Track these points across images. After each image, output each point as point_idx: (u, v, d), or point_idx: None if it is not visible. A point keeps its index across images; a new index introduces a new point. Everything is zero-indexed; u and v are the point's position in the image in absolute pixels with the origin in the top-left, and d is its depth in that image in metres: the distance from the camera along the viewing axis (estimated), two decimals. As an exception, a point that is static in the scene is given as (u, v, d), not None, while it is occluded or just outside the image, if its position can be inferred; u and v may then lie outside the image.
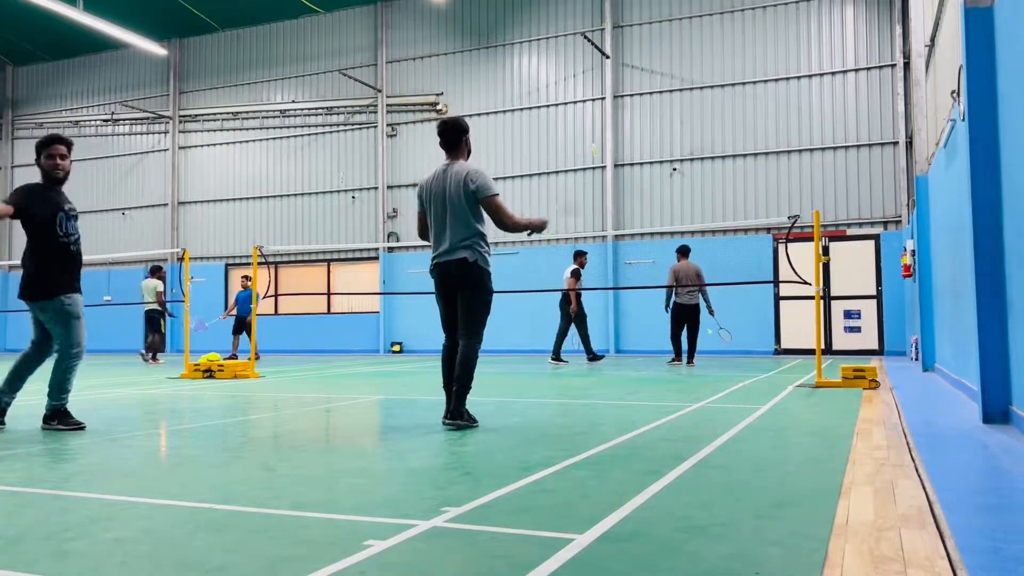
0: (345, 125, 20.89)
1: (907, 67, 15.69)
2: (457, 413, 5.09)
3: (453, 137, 5.38)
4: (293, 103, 21.38)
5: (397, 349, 19.67)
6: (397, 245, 17.72)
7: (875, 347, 15.97)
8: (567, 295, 13.31)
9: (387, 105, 20.31)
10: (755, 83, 17.07)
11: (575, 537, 2.45)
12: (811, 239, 13.89)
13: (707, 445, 4.27)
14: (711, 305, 12.74)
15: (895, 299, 15.73)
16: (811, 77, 16.71)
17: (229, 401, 7.21)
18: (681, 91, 17.65)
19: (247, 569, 2.17)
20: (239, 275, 21.16)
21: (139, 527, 2.62)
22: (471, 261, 5.16)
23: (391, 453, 4.17)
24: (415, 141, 20.07)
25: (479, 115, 19.24)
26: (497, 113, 19.21)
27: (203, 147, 22.51)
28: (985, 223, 5.27)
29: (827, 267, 16.10)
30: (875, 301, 16.04)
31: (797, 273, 8.86)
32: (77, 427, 5.12)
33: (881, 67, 16.23)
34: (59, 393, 5.15)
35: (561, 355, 13.50)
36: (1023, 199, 4.55)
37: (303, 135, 21.32)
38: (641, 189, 17.85)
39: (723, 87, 17.32)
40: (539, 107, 18.86)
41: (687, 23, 17.71)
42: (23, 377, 5.26)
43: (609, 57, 18.01)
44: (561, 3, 18.84)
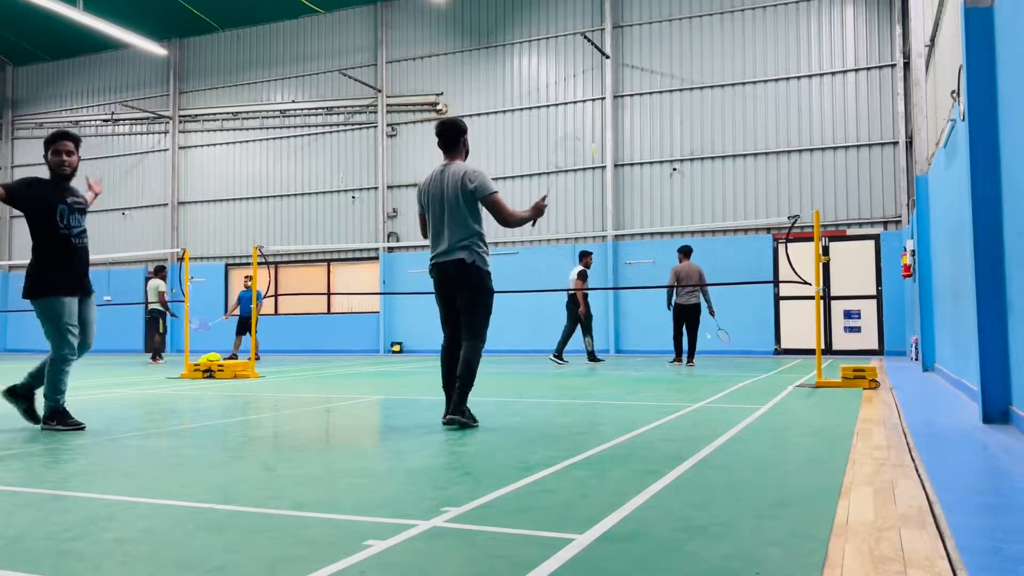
0: (345, 125, 20.89)
1: (907, 67, 15.69)
2: (458, 410, 5.10)
3: (451, 137, 5.40)
4: (293, 103, 21.37)
5: (397, 349, 19.66)
6: (397, 245, 17.72)
7: (875, 347, 15.97)
8: (574, 296, 13.07)
9: (387, 105, 20.31)
10: (755, 83, 17.08)
11: (575, 537, 2.45)
12: (811, 239, 13.88)
13: (707, 445, 4.27)
14: (712, 306, 12.73)
15: (895, 299, 15.73)
16: (811, 77, 16.71)
17: (229, 401, 7.21)
18: (681, 91, 17.65)
19: (247, 569, 2.17)
20: (239, 275, 21.18)
21: (139, 527, 2.62)
22: (469, 262, 5.16)
23: (391, 453, 4.17)
24: (415, 141, 20.07)
25: (479, 115, 19.25)
26: (497, 113, 19.21)
27: (203, 147, 22.52)
28: (985, 223, 5.27)
29: (827, 267, 16.10)
30: (875, 301, 16.04)
31: (797, 273, 8.85)
32: (77, 427, 5.12)
33: (881, 67, 16.23)
34: (54, 394, 5.15)
35: (563, 355, 13.32)
36: (1023, 199, 4.55)
37: (303, 135, 21.32)
38: (641, 189, 17.85)
39: (723, 87, 17.32)
40: (539, 107, 18.86)
41: (687, 23, 17.71)
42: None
43: (609, 57, 18.01)
44: (561, 3, 18.84)
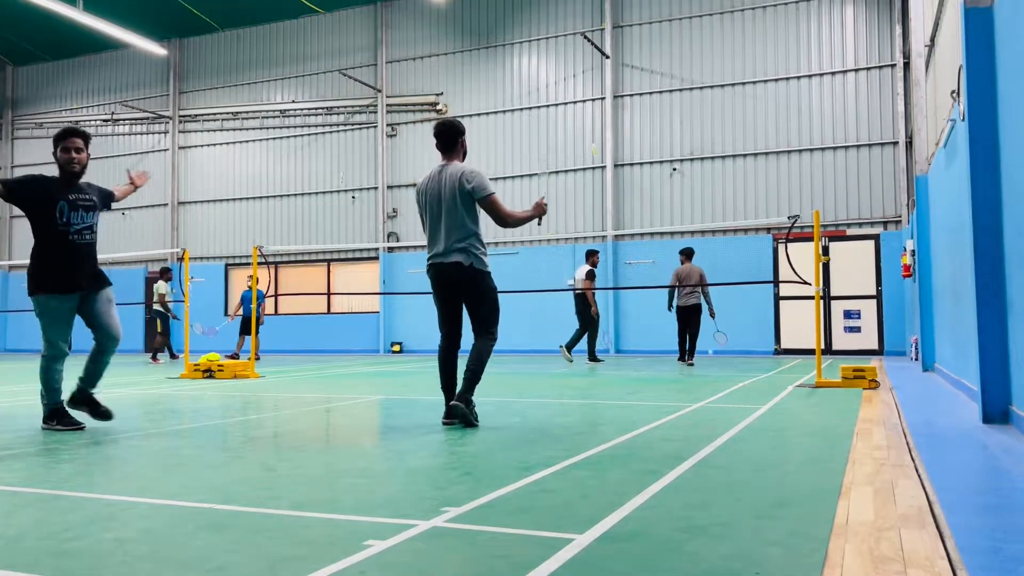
0: (345, 125, 20.89)
1: (907, 67, 15.69)
2: (463, 398, 5.09)
3: (449, 138, 5.40)
4: (293, 103, 21.37)
5: (397, 349, 19.66)
6: (397, 245, 17.71)
7: (875, 347, 15.97)
8: (581, 296, 12.85)
9: (387, 105, 20.31)
10: (755, 83, 17.08)
11: (575, 537, 2.44)
12: (811, 239, 13.88)
13: (707, 445, 4.27)
14: (713, 307, 12.73)
15: (895, 299, 15.73)
16: (811, 77, 16.71)
17: (229, 401, 7.21)
18: (681, 91, 17.65)
19: (247, 569, 2.17)
20: (239, 275, 21.19)
21: (139, 527, 2.62)
22: (466, 265, 5.17)
23: (391, 453, 4.17)
24: (415, 141, 20.06)
25: (479, 115, 19.25)
26: (497, 113, 19.21)
27: (203, 147, 22.52)
28: (985, 223, 5.27)
29: (827, 267, 16.10)
30: (875, 301, 16.04)
31: (797, 273, 8.85)
32: (76, 427, 5.12)
33: (881, 67, 16.23)
34: (48, 393, 5.16)
35: (572, 353, 12.77)
36: (1023, 199, 4.55)
37: (303, 135, 21.32)
38: (641, 189, 17.85)
39: (723, 87, 17.32)
40: (539, 107, 18.86)
41: (687, 23, 17.71)
42: (98, 371, 5.30)
43: (609, 57, 18.01)
44: (561, 3, 18.84)
